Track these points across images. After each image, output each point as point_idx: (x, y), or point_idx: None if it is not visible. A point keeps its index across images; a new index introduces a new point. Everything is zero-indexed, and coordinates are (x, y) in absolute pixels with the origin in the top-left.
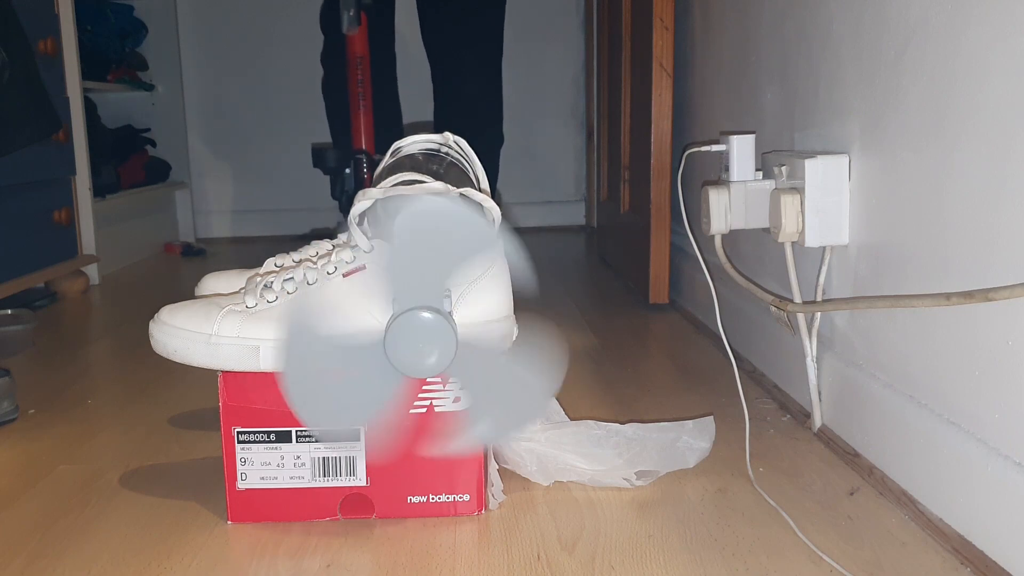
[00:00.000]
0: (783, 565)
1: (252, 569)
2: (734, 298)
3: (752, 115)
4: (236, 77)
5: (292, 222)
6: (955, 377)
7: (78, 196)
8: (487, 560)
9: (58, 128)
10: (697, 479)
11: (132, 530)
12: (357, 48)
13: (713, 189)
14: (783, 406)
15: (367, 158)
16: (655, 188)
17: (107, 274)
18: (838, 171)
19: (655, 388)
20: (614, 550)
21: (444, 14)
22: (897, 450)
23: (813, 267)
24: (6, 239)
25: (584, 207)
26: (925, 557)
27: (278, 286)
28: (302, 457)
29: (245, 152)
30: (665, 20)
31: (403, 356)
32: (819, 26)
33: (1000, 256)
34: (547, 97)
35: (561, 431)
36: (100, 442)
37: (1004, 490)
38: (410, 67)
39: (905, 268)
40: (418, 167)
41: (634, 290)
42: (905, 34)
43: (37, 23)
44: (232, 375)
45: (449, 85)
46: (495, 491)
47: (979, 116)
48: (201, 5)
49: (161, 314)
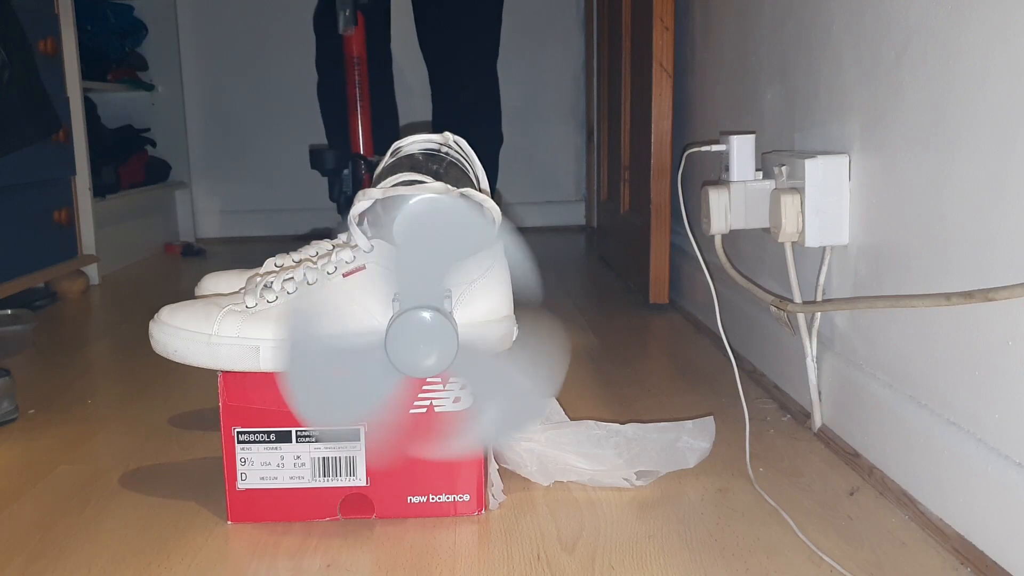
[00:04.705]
0: (783, 565)
1: (252, 569)
2: (734, 298)
3: (752, 115)
4: (236, 77)
5: (292, 222)
6: (955, 377)
7: (78, 196)
8: (487, 560)
9: (58, 128)
10: (697, 479)
11: (132, 530)
12: (354, 49)
13: (713, 189)
14: (783, 406)
15: (365, 159)
16: (655, 188)
17: (107, 274)
18: (838, 171)
19: (655, 388)
20: (614, 550)
21: (441, 15)
22: (897, 450)
23: (813, 267)
24: (6, 239)
25: (584, 207)
26: (925, 557)
27: (278, 286)
28: (302, 457)
29: (245, 152)
30: (665, 20)
31: (403, 356)
32: (819, 26)
33: (1000, 256)
34: (547, 97)
35: (561, 431)
36: (100, 442)
37: (1004, 490)
38: (410, 67)
39: (905, 268)
40: (418, 167)
41: (634, 290)
42: (905, 34)
43: (37, 23)
44: (232, 375)
45: (447, 86)
46: (495, 491)
47: (979, 116)
48: (201, 5)
49: (161, 314)
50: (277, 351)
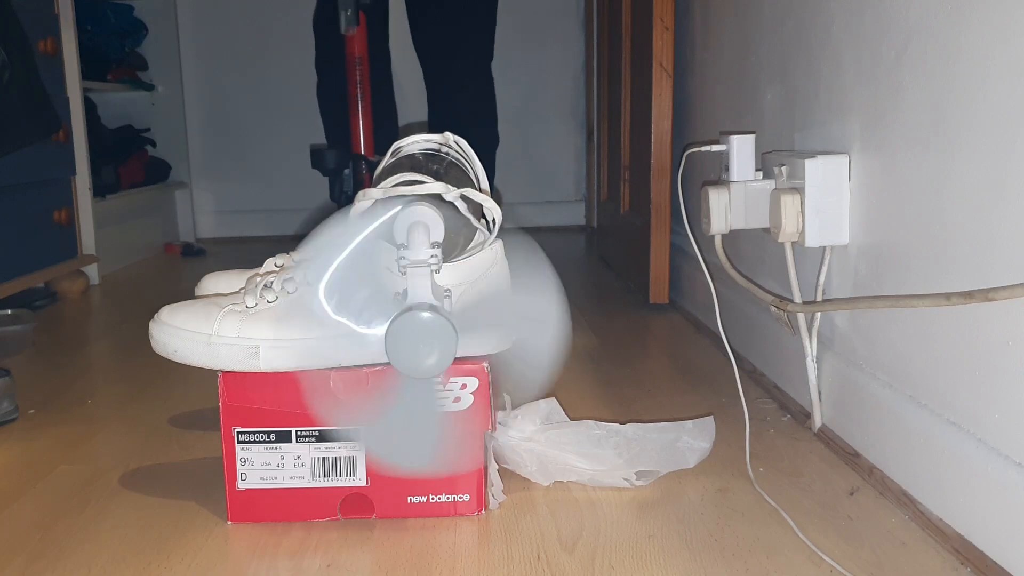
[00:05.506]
0: (783, 565)
1: (252, 569)
2: (734, 298)
3: (752, 115)
4: (236, 77)
5: (292, 222)
6: (955, 377)
7: (78, 196)
8: (487, 560)
9: (58, 128)
10: (697, 479)
11: (132, 530)
12: (355, 48)
13: (713, 189)
14: (783, 406)
15: (366, 159)
16: (655, 188)
17: (107, 274)
18: (838, 171)
19: (655, 388)
20: (614, 550)
21: (436, 16)
22: (897, 450)
23: (813, 267)
24: (6, 239)
25: (584, 207)
26: (925, 557)
27: (278, 286)
28: (302, 457)
29: (245, 152)
30: (665, 20)
31: (403, 356)
32: (819, 26)
33: (1000, 256)
34: (547, 97)
35: (561, 431)
36: (100, 442)
37: (1004, 490)
38: (405, 67)
39: (905, 268)
40: (418, 167)
41: (634, 290)
42: (905, 34)
43: (37, 23)
44: (232, 375)
45: (443, 87)
46: (495, 491)
47: (979, 116)
48: (201, 5)
49: (161, 314)
50: (278, 351)
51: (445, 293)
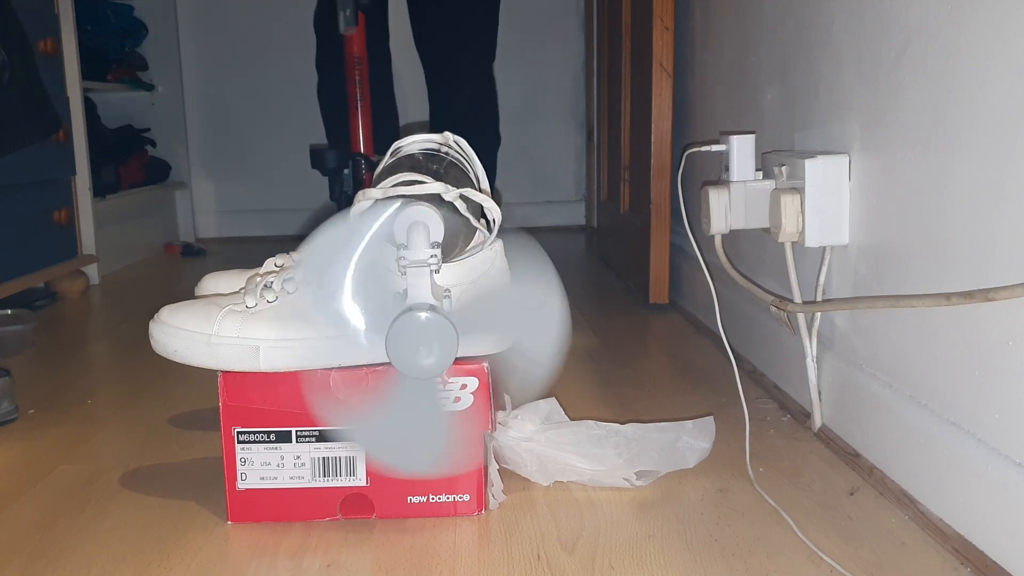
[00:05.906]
0: (783, 565)
1: (252, 569)
2: (734, 298)
3: (752, 115)
4: (236, 77)
5: (292, 222)
6: (955, 377)
7: (78, 196)
8: (487, 560)
9: (58, 128)
10: (697, 479)
11: (132, 530)
12: (355, 48)
13: (713, 189)
14: (783, 406)
15: (366, 159)
16: (655, 188)
17: (107, 274)
18: (838, 171)
19: (655, 388)
20: (614, 550)
21: (438, 16)
22: (897, 450)
23: (813, 267)
24: (6, 239)
25: (584, 207)
26: (925, 557)
27: (278, 286)
28: (302, 457)
29: (245, 152)
30: (665, 20)
31: (403, 356)
32: (819, 26)
33: (1000, 256)
34: (547, 97)
35: (561, 431)
36: (100, 442)
37: (1004, 490)
38: (406, 67)
39: (905, 268)
40: (418, 167)
41: (634, 290)
42: (905, 34)
43: (37, 23)
44: (232, 375)
45: (444, 87)
46: (495, 491)
47: (979, 116)
48: (201, 5)
49: (161, 314)
50: (278, 351)
51: (445, 293)
